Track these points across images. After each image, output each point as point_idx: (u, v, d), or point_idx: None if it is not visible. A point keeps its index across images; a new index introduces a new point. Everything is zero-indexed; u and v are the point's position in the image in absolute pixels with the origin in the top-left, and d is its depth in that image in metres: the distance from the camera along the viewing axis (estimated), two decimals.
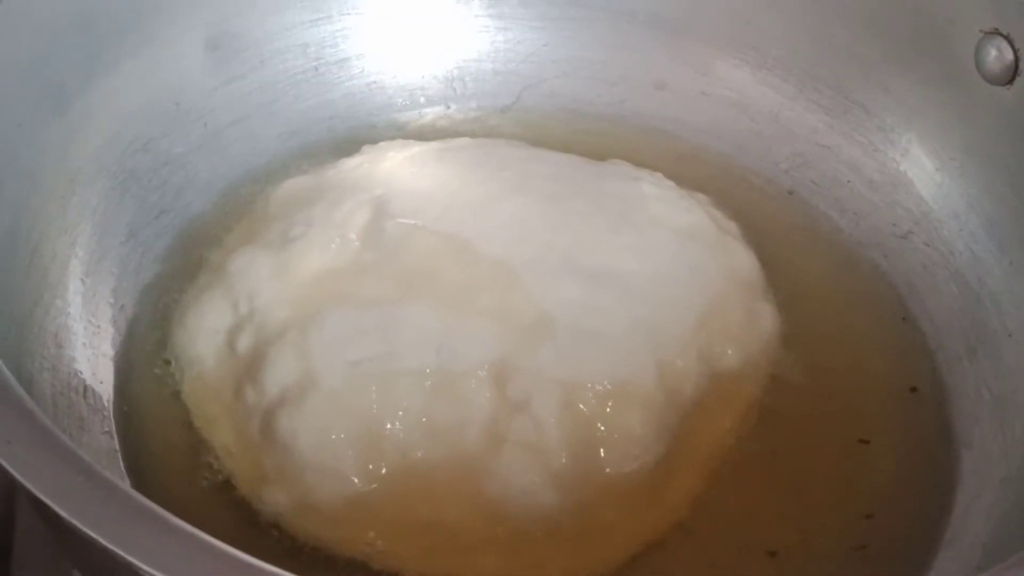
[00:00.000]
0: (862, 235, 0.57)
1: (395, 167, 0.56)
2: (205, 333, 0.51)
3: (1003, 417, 0.48)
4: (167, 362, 0.51)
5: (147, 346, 0.51)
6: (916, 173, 0.56)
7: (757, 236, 0.57)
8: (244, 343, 0.50)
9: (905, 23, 0.55)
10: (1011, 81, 0.51)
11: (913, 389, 0.52)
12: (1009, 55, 0.50)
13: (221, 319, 0.51)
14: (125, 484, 0.44)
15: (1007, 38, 0.50)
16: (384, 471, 0.45)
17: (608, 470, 0.46)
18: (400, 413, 0.46)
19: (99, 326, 0.49)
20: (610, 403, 0.47)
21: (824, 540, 0.47)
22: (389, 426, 0.46)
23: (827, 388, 0.51)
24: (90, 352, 0.48)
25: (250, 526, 0.46)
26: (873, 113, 0.57)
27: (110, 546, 0.30)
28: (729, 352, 0.51)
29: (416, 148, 0.58)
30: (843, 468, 0.49)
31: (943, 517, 0.46)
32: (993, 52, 0.51)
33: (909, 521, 0.47)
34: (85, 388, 0.47)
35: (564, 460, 0.46)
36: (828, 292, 0.56)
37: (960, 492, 0.47)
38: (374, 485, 0.46)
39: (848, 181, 0.58)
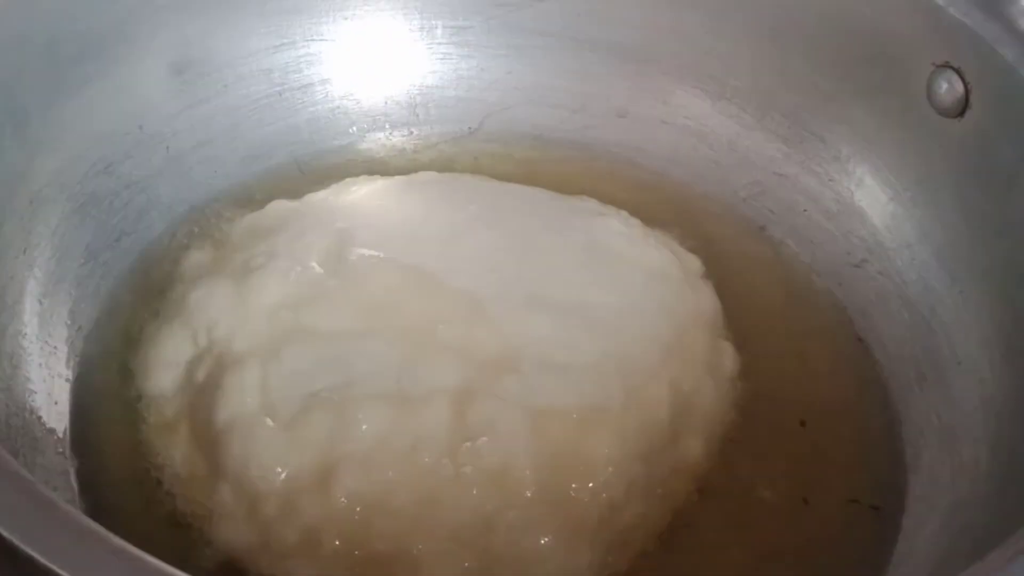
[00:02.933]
0: (818, 263, 0.58)
1: (360, 200, 0.57)
2: (164, 366, 0.51)
3: (951, 443, 0.49)
4: (125, 384, 0.51)
5: (105, 368, 0.51)
6: (870, 203, 0.57)
7: (715, 263, 0.57)
8: (202, 374, 0.49)
9: (861, 56, 0.56)
10: (962, 113, 0.52)
11: (864, 414, 0.53)
12: (960, 88, 0.51)
13: (180, 351, 0.51)
14: (74, 506, 0.44)
15: (958, 71, 0.51)
16: (342, 502, 0.45)
17: (577, 496, 0.46)
18: (357, 442, 0.46)
19: (55, 347, 0.49)
20: (579, 429, 0.47)
21: (777, 565, 0.48)
22: (346, 456, 0.45)
23: (781, 417, 0.52)
24: (46, 373, 0.48)
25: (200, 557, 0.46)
26: (829, 143, 0.58)
27: (52, 567, 0.31)
28: (696, 382, 0.51)
29: (381, 182, 0.58)
30: (796, 494, 0.50)
31: (890, 542, 0.47)
32: (944, 85, 0.52)
33: (857, 546, 0.48)
34: (40, 409, 0.47)
35: (531, 486, 0.45)
36: (784, 319, 0.56)
37: (907, 517, 0.48)
38: (331, 517, 0.45)
39: (805, 210, 0.59)
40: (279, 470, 0.46)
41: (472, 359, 0.48)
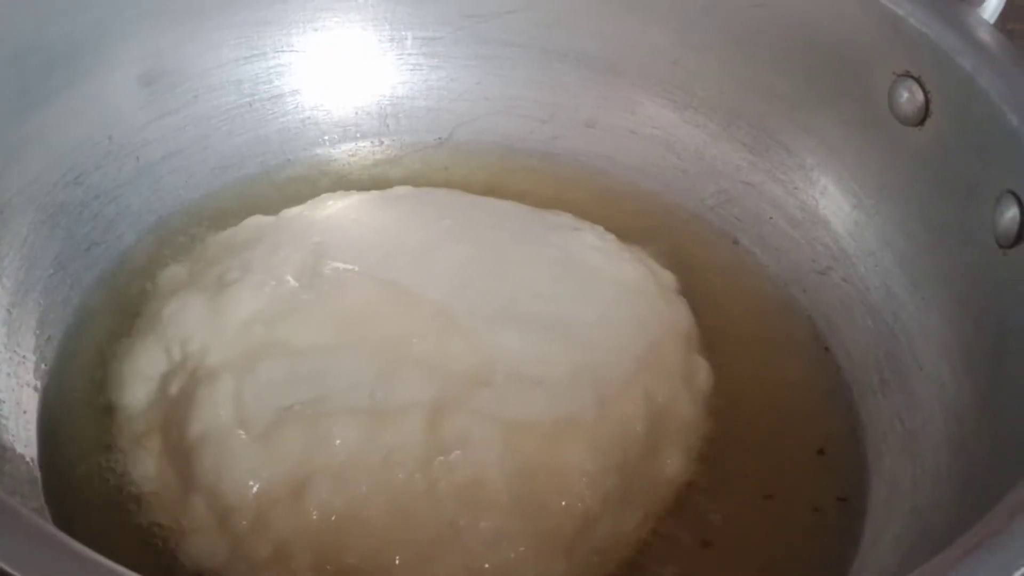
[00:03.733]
0: (783, 270, 0.59)
1: (334, 215, 0.57)
2: (138, 379, 0.51)
3: (913, 448, 0.49)
4: (95, 395, 0.51)
5: (74, 377, 0.51)
6: (834, 211, 0.58)
7: (683, 270, 0.58)
8: (175, 388, 0.49)
9: (824, 66, 0.56)
10: (922, 122, 0.52)
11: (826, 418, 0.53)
12: (920, 97, 0.52)
13: (154, 365, 0.51)
14: (42, 515, 0.44)
15: (918, 80, 0.52)
16: (314, 516, 0.45)
17: (552, 508, 0.46)
18: (330, 456, 0.46)
19: (24, 356, 0.50)
20: (552, 441, 0.47)
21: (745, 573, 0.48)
22: (319, 469, 0.45)
23: (749, 425, 0.52)
24: (14, 382, 0.48)
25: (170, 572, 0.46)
26: (794, 152, 0.59)
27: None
28: (672, 395, 0.51)
29: (356, 197, 0.58)
30: (764, 501, 0.50)
31: (853, 545, 0.48)
32: (905, 94, 0.53)
33: (820, 549, 0.48)
34: (7, 418, 0.47)
35: (505, 499, 0.46)
36: (750, 326, 0.57)
37: (870, 521, 0.48)
38: (302, 531, 0.45)
39: (771, 218, 0.59)
40: (251, 483, 0.46)
41: (446, 373, 0.48)
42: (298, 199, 0.60)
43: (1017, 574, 0.34)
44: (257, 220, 0.57)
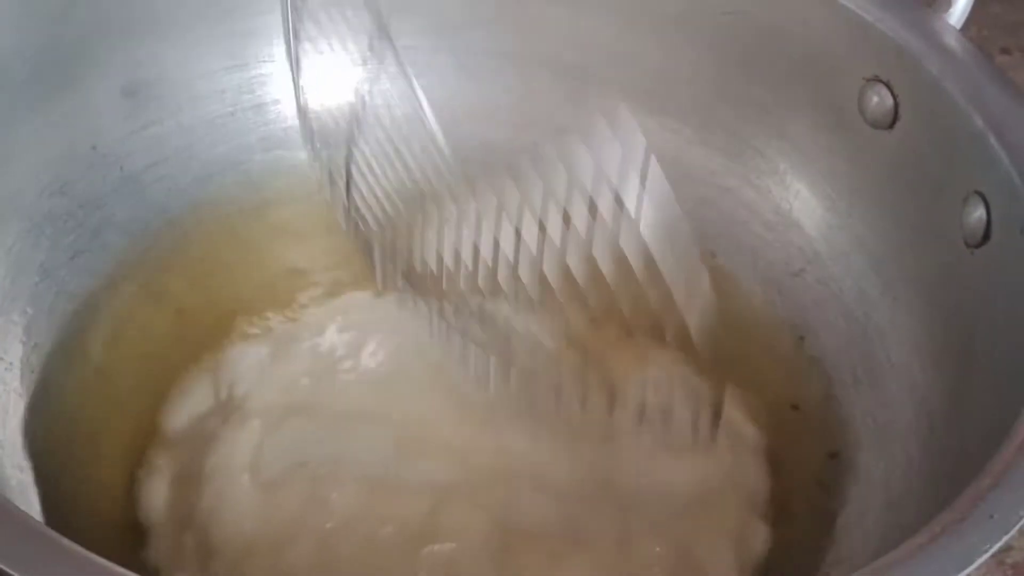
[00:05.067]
0: (758, 273, 0.60)
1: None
2: (184, 412, 0.53)
3: (884, 443, 0.50)
4: (84, 402, 0.52)
5: (63, 385, 0.52)
6: (807, 214, 0.58)
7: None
8: (210, 425, 0.51)
9: (795, 71, 0.57)
10: (892, 125, 0.53)
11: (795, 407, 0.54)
12: (889, 101, 0.53)
13: (203, 401, 0.53)
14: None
15: (887, 85, 0.53)
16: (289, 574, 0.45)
17: None
18: (322, 519, 0.46)
19: (11, 363, 0.50)
20: (553, 557, 0.45)
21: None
22: (307, 530, 0.45)
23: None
24: (1, 389, 0.49)
25: None
26: (768, 157, 0.60)
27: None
28: (713, 554, 0.48)
29: None
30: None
31: (828, 541, 0.49)
32: (875, 98, 0.54)
33: (797, 545, 0.50)
34: None
35: None
36: (725, 327, 0.58)
37: (842, 517, 0.49)
38: None
39: (745, 221, 0.60)
40: (239, 530, 0.46)
41: (466, 465, 0.48)
42: (281, 207, 0.61)
43: (979, 560, 0.35)
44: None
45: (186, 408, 0.53)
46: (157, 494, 0.50)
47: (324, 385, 0.51)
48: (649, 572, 0.46)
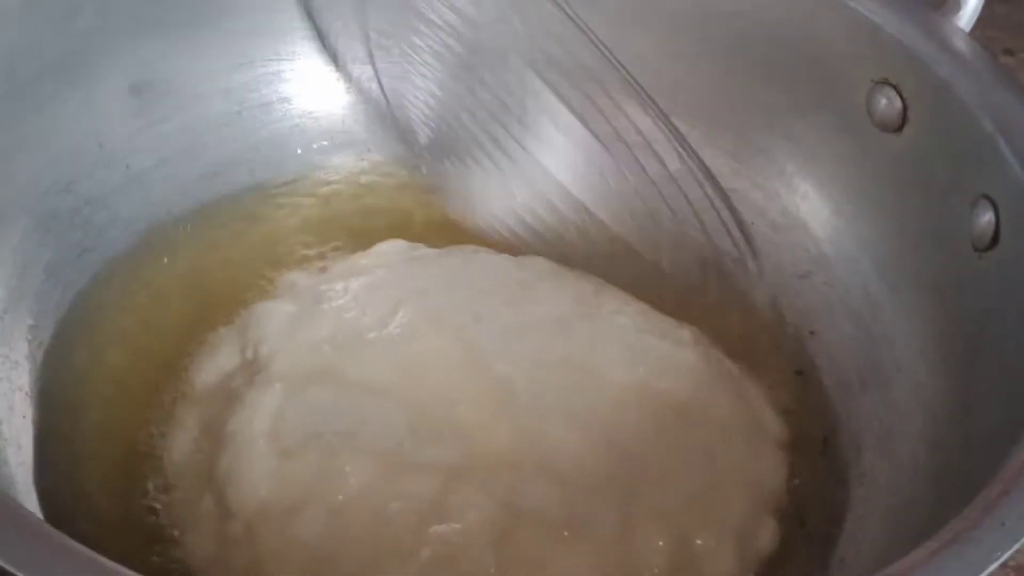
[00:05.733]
0: (765, 275, 0.59)
1: (443, 263, 0.57)
2: (212, 368, 0.53)
3: (891, 447, 0.50)
4: (89, 399, 0.52)
5: (68, 382, 0.52)
6: (814, 217, 0.58)
7: (664, 276, 0.59)
8: (236, 383, 0.51)
9: (804, 74, 0.57)
10: (900, 128, 0.53)
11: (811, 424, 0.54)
12: (898, 103, 0.53)
13: (230, 358, 0.53)
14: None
15: (895, 87, 0.53)
16: (297, 542, 0.45)
17: None
18: (335, 490, 0.46)
19: (16, 361, 0.50)
20: (553, 541, 0.46)
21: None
22: (319, 499, 0.46)
23: None
24: (6, 386, 0.49)
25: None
26: (775, 159, 0.60)
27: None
28: (715, 547, 0.48)
29: (472, 252, 0.58)
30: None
31: (832, 544, 0.49)
32: (883, 101, 0.54)
33: (801, 549, 0.49)
34: (1, 421, 0.47)
35: None
36: (733, 328, 0.58)
37: (848, 520, 0.49)
38: (280, 553, 0.45)
39: (752, 223, 0.60)
40: (255, 494, 0.46)
41: (478, 448, 0.48)
42: (287, 206, 0.61)
43: (990, 568, 0.35)
44: (389, 246, 0.58)
45: (215, 365, 0.53)
46: (181, 450, 0.51)
47: (348, 354, 0.51)
48: (647, 564, 0.46)
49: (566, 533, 0.46)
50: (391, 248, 0.58)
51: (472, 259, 0.58)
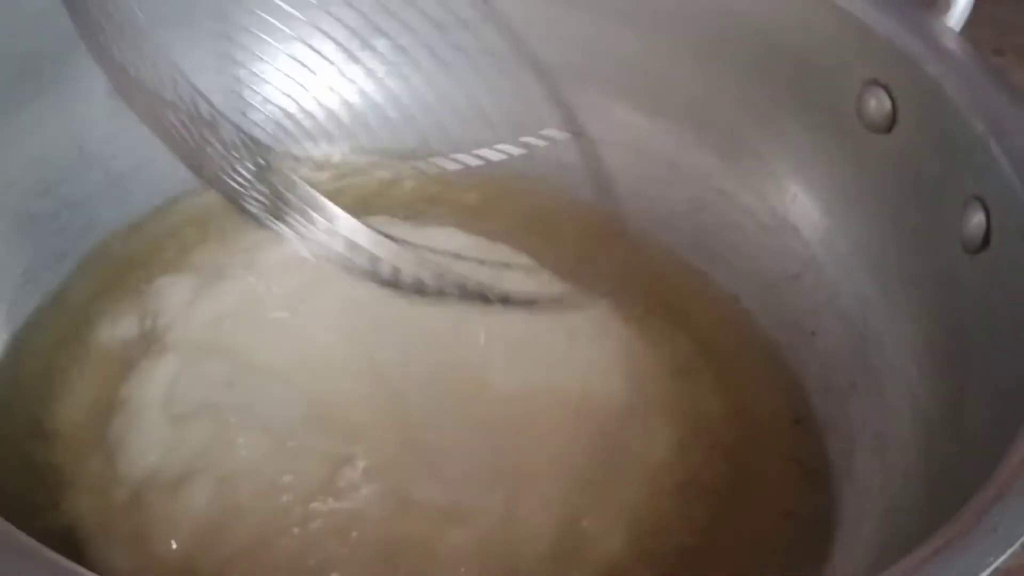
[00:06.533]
0: (755, 276, 0.59)
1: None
2: (111, 337, 0.52)
3: (882, 450, 0.50)
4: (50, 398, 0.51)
5: (37, 388, 0.51)
6: (804, 218, 0.58)
7: (653, 276, 0.58)
8: (133, 352, 0.51)
9: (793, 74, 0.57)
10: (890, 129, 0.53)
11: (797, 422, 0.54)
12: (887, 104, 0.53)
13: (128, 328, 0.52)
14: None
15: (885, 88, 0.53)
16: (183, 511, 0.45)
17: None
18: (226, 459, 0.46)
19: None
20: (434, 522, 0.46)
21: None
22: (208, 468, 0.46)
23: (715, 426, 0.53)
24: None
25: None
26: (765, 160, 0.59)
27: None
28: (605, 529, 0.48)
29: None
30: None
31: (826, 549, 0.48)
32: (873, 102, 0.53)
33: (792, 555, 0.49)
34: None
35: (366, 556, 0.45)
36: (723, 332, 0.57)
37: (841, 525, 0.49)
38: (166, 521, 0.45)
39: (741, 224, 0.60)
40: (143, 460, 0.47)
41: (368, 446, 0.48)
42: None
43: (984, 574, 0.34)
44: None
45: (114, 334, 0.53)
46: (70, 409, 0.50)
47: (249, 332, 0.51)
48: (531, 546, 0.47)
49: (449, 518, 0.46)
50: None
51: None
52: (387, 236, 0.46)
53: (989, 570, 0.35)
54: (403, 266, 0.47)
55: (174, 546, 0.45)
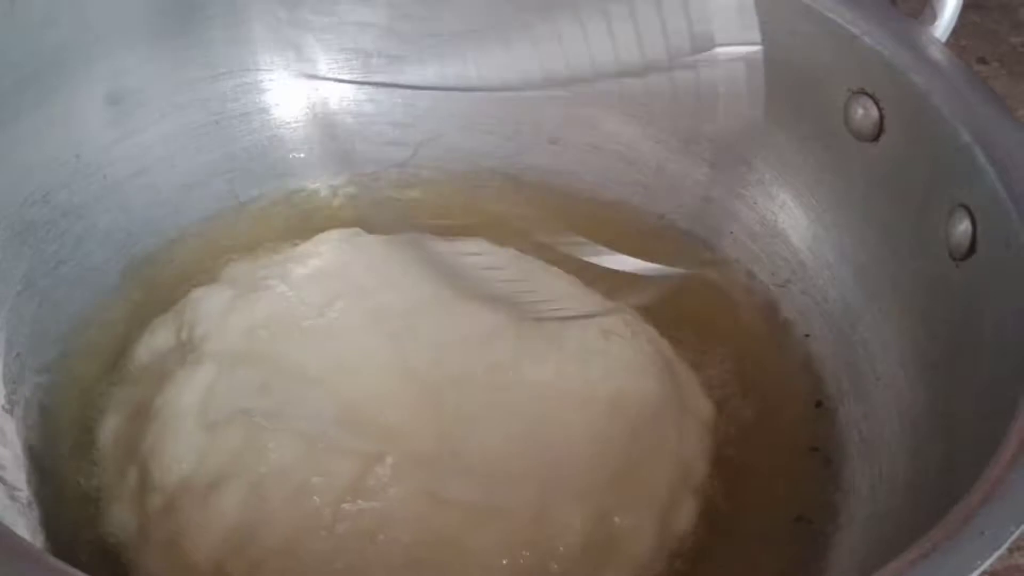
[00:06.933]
0: (743, 284, 0.60)
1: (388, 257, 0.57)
2: (147, 350, 0.54)
3: (871, 457, 0.50)
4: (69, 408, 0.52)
5: (40, 392, 0.52)
6: (792, 225, 0.59)
7: (646, 284, 0.58)
8: (170, 364, 0.52)
9: (781, 83, 0.57)
10: (877, 138, 0.54)
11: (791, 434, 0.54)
12: (874, 113, 0.53)
13: (165, 341, 0.53)
14: None
15: (872, 97, 0.53)
16: (216, 516, 0.46)
17: None
18: (257, 465, 0.47)
19: None
20: (468, 522, 0.47)
21: None
22: (240, 473, 0.47)
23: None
24: None
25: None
26: (754, 168, 0.60)
27: None
28: (635, 524, 0.49)
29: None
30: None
31: (816, 556, 0.49)
32: (860, 111, 0.54)
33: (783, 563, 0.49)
34: None
35: (398, 561, 0.45)
36: (714, 339, 0.58)
37: (832, 532, 0.49)
38: (200, 527, 0.46)
39: (731, 232, 0.60)
40: (177, 467, 0.47)
41: (400, 445, 0.48)
42: (265, 217, 0.61)
43: None
44: (330, 235, 0.58)
45: (151, 347, 0.54)
46: (110, 427, 0.51)
47: (283, 339, 0.52)
48: (562, 540, 0.47)
49: (481, 515, 0.47)
50: (336, 236, 0.58)
51: (414, 250, 0.57)
52: None
53: (976, 573, 0.35)
54: None
55: (206, 551, 0.46)
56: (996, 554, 0.35)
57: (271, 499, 0.46)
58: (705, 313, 0.58)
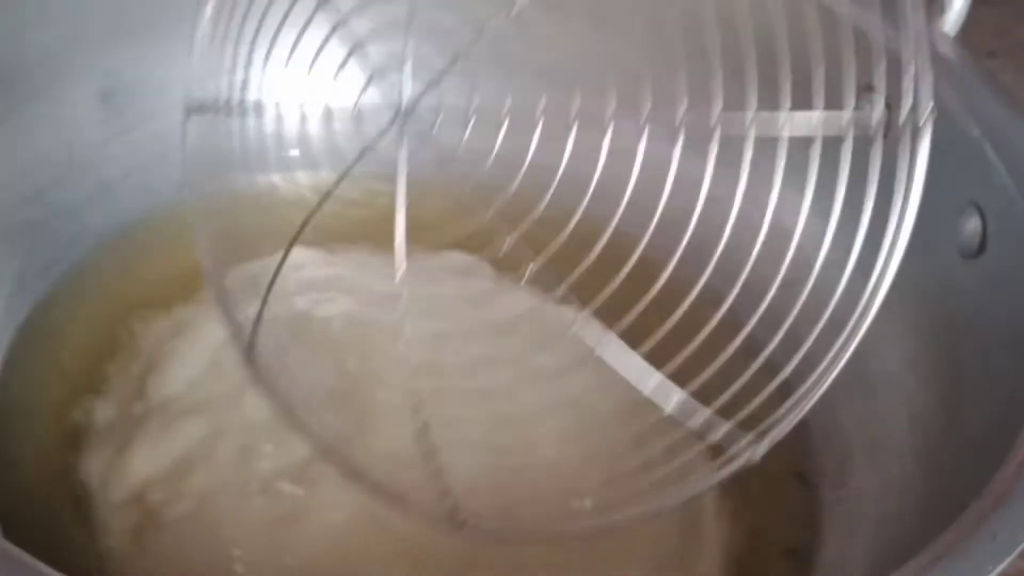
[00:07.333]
0: (749, 283, 0.58)
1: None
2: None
3: (878, 459, 0.50)
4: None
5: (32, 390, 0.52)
6: (798, 223, 0.58)
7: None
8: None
9: (787, 79, 0.57)
10: (884, 136, 0.53)
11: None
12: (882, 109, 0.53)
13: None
14: None
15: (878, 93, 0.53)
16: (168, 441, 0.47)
17: None
18: (231, 414, 0.48)
19: None
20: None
21: None
22: (210, 413, 0.48)
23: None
24: None
25: None
26: (758, 165, 0.59)
27: None
28: None
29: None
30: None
31: (818, 557, 0.48)
32: (867, 107, 0.53)
33: (781, 563, 0.49)
34: None
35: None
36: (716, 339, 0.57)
37: (836, 534, 0.49)
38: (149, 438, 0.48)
39: (736, 230, 0.59)
40: (169, 387, 0.50)
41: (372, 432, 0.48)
42: (259, 213, 0.60)
43: None
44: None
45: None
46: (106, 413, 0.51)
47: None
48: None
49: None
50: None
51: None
52: None
53: None
54: None
55: (140, 469, 0.47)
56: (1009, 558, 0.35)
57: (219, 448, 0.47)
58: None
